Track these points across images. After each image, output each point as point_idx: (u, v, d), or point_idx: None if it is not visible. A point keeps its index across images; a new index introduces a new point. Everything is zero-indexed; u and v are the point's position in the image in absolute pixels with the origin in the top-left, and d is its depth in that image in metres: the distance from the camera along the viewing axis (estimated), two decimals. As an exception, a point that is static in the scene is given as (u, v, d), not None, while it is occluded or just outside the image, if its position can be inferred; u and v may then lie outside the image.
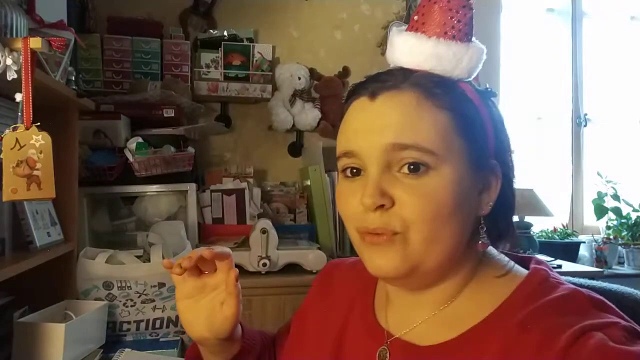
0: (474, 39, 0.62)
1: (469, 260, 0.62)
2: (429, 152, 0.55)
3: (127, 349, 1.32)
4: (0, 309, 1.21)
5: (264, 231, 1.68)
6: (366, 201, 0.55)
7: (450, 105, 0.57)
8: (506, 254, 0.66)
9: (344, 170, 0.61)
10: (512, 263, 0.64)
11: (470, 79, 0.62)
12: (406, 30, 0.63)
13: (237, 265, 1.87)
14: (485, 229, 0.61)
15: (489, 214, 0.61)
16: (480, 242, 0.61)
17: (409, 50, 0.61)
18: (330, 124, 2.25)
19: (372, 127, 0.57)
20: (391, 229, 0.56)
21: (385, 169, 0.57)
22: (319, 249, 1.78)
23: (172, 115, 1.86)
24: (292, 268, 1.73)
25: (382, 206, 0.55)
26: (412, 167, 0.56)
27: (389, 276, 0.59)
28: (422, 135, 0.55)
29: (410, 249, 0.56)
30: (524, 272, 0.62)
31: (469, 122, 0.58)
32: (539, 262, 0.63)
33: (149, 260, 1.46)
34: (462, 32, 0.60)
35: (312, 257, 1.73)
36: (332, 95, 2.30)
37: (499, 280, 0.61)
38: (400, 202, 0.55)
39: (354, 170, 0.60)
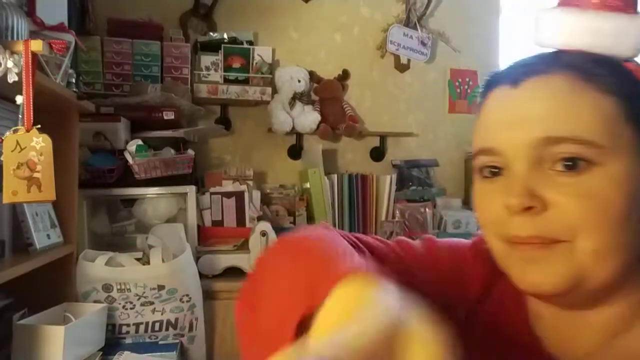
0: None
1: None
2: (591, 144, 0.45)
3: (126, 352, 1.32)
4: (1, 311, 1.21)
5: (263, 234, 1.68)
6: (512, 202, 0.46)
7: (616, 89, 0.47)
8: None
9: (481, 170, 0.52)
10: None
11: (636, 59, 0.52)
12: (555, 6, 0.53)
13: (236, 268, 1.85)
14: None
15: None
16: None
17: (559, 27, 0.51)
18: (330, 126, 2.25)
19: (517, 119, 0.49)
20: (551, 237, 0.46)
21: (534, 166, 0.47)
22: (319, 251, 1.78)
23: (172, 117, 1.86)
24: (292, 271, 1.72)
25: (530, 209, 0.46)
26: (569, 163, 0.46)
27: (546, 293, 0.49)
28: (581, 125, 0.46)
29: (575, 262, 0.46)
30: None
31: None
32: None
33: (148, 263, 1.46)
34: (625, 1, 0.50)
35: (311, 260, 1.72)
36: (332, 97, 2.30)
37: None
38: (555, 204, 0.46)
39: (494, 170, 0.51)
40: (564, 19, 0.51)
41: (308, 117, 2.24)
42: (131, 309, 1.45)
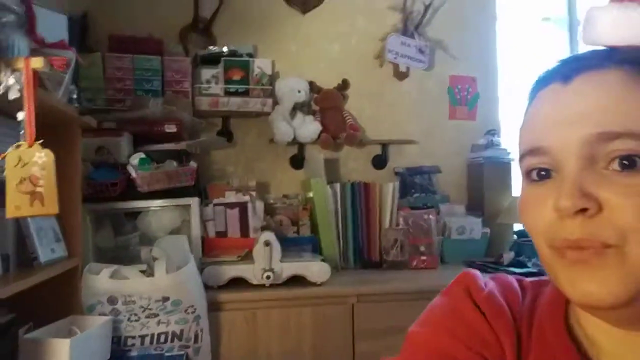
0: None
1: None
2: None
3: (131, 364, 1.32)
4: (5, 326, 1.22)
5: (267, 243, 1.69)
6: (564, 203, 0.44)
7: None
8: None
9: (529, 173, 0.50)
10: None
11: None
12: (609, 3, 0.51)
13: (240, 279, 1.86)
14: None
15: None
16: None
17: (613, 23, 0.49)
18: (331, 135, 2.26)
19: (569, 116, 0.46)
20: (601, 241, 0.43)
21: (586, 166, 0.45)
22: (323, 260, 1.79)
23: (174, 130, 1.88)
24: (296, 280, 1.73)
25: (584, 211, 0.43)
26: (625, 161, 0.43)
27: (604, 305, 0.44)
28: (638, 120, 0.43)
29: (629, 268, 0.43)
30: None
31: None
32: None
33: (152, 275, 1.46)
34: None
35: (316, 269, 1.73)
36: (332, 107, 2.32)
37: None
38: (609, 205, 0.43)
39: (542, 172, 0.48)
40: (620, 16, 0.49)
41: (309, 127, 2.25)
42: (136, 321, 1.45)
